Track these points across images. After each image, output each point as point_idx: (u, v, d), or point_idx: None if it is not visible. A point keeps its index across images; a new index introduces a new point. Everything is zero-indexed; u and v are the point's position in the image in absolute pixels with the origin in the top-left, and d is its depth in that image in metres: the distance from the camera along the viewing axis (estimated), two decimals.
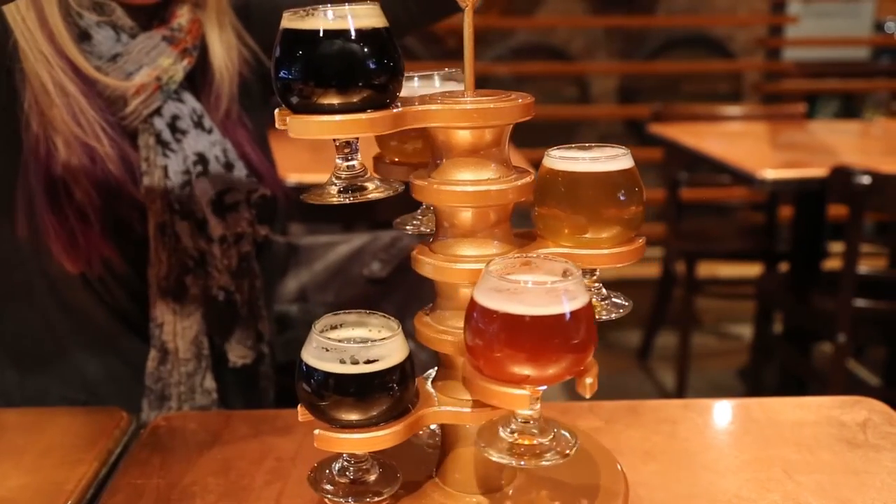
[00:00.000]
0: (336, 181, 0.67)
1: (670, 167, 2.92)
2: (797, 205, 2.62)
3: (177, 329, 1.01)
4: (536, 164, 0.74)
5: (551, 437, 0.65)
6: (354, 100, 0.61)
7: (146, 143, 0.99)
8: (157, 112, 0.99)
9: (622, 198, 0.69)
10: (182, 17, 1.02)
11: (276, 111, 0.64)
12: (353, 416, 0.65)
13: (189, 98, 1.03)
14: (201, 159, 1.01)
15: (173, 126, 1.00)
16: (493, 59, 4.26)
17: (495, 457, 0.64)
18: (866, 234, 2.95)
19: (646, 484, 0.77)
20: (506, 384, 0.61)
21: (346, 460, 0.71)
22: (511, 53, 4.29)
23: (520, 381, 0.61)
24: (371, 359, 0.64)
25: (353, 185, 0.67)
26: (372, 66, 0.62)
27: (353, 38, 0.61)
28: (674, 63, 4.39)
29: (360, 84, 0.61)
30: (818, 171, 2.11)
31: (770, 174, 2.13)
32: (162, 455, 0.84)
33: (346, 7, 0.62)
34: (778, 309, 2.67)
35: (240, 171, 1.04)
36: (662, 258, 3.16)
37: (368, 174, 0.68)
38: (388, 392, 0.65)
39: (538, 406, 0.64)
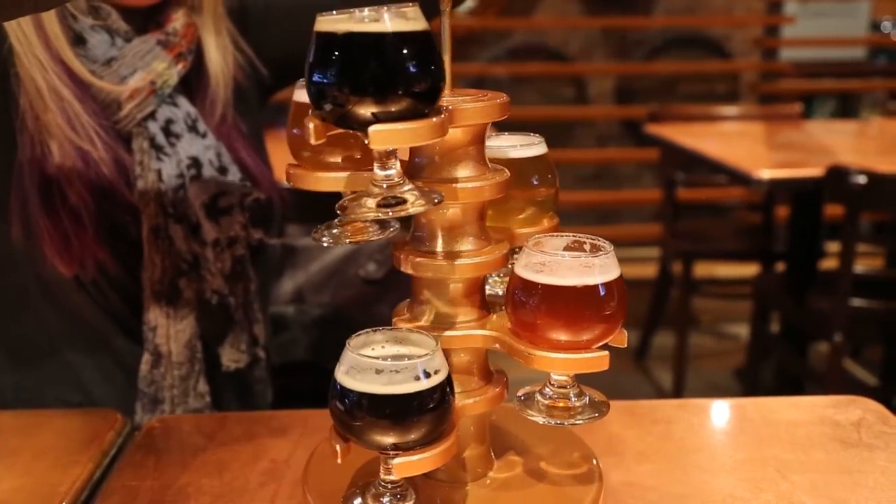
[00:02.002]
0: (374, 193, 0.62)
1: (667, 167, 2.92)
2: (794, 205, 2.63)
3: (170, 332, 1.01)
4: None
5: (585, 401, 0.70)
6: (392, 109, 0.58)
7: (140, 146, 0.99)
8: (152, 116, 0.99)
9: (535, 182, 0.76)
10: (177, 21, 1.02)
11: (309, 121, 0.60)
12: (390, 440, 0.61)
13: (183, 102, 1.03)
14: (195, 163, 1.01)
15: (167, 130, 1.00)
16: (490, 59, 4.27)
17: (535, 418, 0.69)
18: (863, 234, 2.96)
19: (640, 484, 0.77)
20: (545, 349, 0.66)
21: (383, 485, 0.67)
22: (508, 54, 4.30)
23: (557, 347, 0.66)
24: (411, 377, 0.60)
25: (392, 198, 0.62)
26: (412, 71, 0.58)
27: (392, 41, 0.57)
28: (671, 63, 4.40)
29: (400, 92, 0.57)
30: (815, 171, 2.11)
31: (767, 174, 2.14)
32: (156, 457, 0.84)
33: (384, 8, 0.57)
34: (775, 309, 2.67)
35: (234, 174, 1.04)
36: (659, 258, 3.17)
37: (408, 185, 0.63)
38: (428, 413, 0.61)
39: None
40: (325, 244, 0.70)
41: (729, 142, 2.70)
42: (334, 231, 0.71)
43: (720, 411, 0.94)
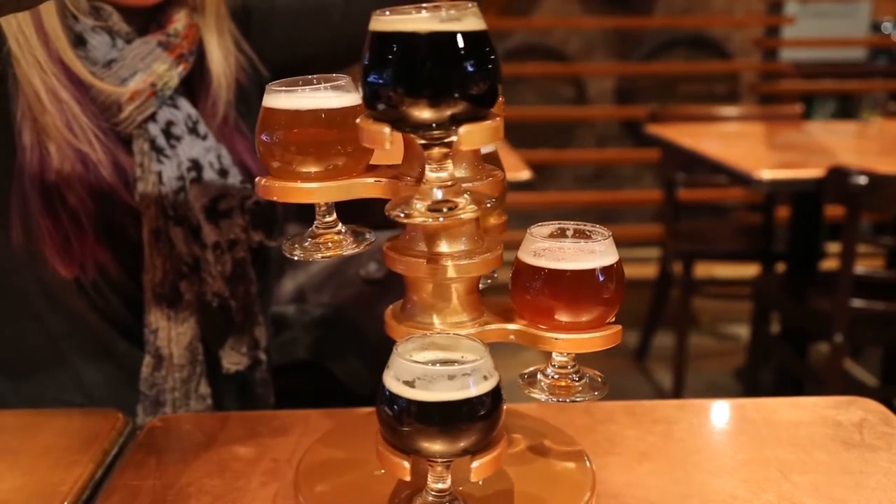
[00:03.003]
0: (424, 196, 0.61)
1: (667, 168, 2.92)
2: (794, 205, 2.63)
3: (171, 335, 1.01)
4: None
5: (584, 380, 0.73)
6: (447, 113, 0.57)
7: (140, 148, 0.98)
8: (152, 118, 0.99)
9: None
10: (179, 22, 1.01)
11: (379, 126, 0.59)
12: (438, 447, 0.60)
13: (184, 104, 1.03)
14: (195, 165, 1.01)
15: (168, 132, 1.00)
16: None
17: (537, 395, 0.71)
18: (863, 235, 2.96)
19: (641, 484, 0.77)
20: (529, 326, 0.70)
21: (435, 495, 0.65)
22: (508, 54, 4.29)
23: (558, 328, 0.69)
24: (461, 384, 0.59)
25: (443, 202, 0.61)
26: (470, 72, 0.56)
27: (451, 41, 0.56)
28: (671, 64, 4.40)
29: (457, 94, 0.56)
30: (815, 172, 2.11)
31: (767, 175, 2.14)
32: (158, 456, 0.84)
33: (442, 8, 0.56)
34: (775, 309, 2.67)
35: (234, 177, 1.04)
36: (659, 258, 3.17)
37: (459, 187, 0.62)
38: (478, 421, 0.60)
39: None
40: (296, 258, 0.70)
41: (729, 142, 2.70)
42: (305, 244, 0.71)
43: (721, 412, 0.94)
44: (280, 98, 0.68)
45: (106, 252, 0.98)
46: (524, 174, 2.07)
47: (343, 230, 0.73)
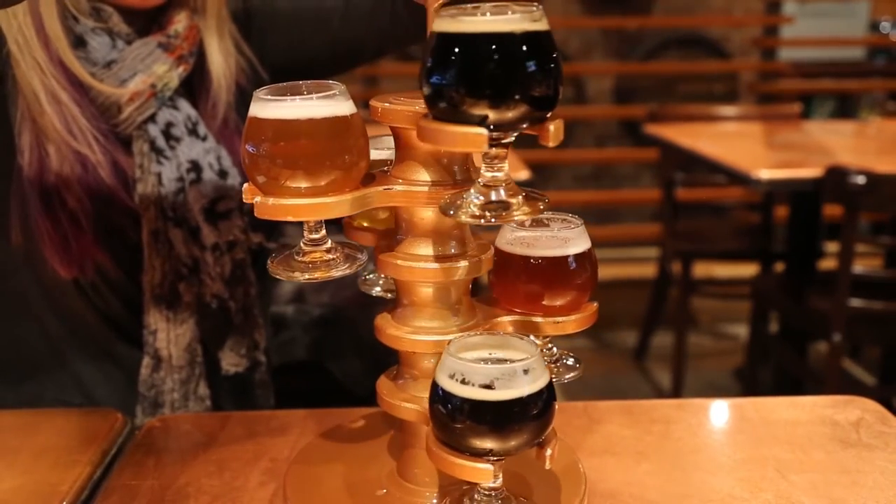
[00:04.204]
0: (479, 195, 0.60)
1: (666, 167, 2.93)
2: (793, 205, 2.63)
3: (170, 336, 1.01)
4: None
5: (561, 362, 0.76)
6: (509, 115, 0.56)
7: (140, 149, 0.98)
8: (152, 119, 0.99)
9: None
10: (179, 23, 1.01)
11: (476, 129, 0.57)
12: (489, 445, 0.60)
13: (184, 105, 1.03)
14: (195, 167, 1.01)
15: (167, 133, 1.00)
16: None
17: None
18: (861, 234, 2.96)
19: (639, 483, 0.78)
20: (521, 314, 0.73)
21: (486, 493, 0.66)
22: None
23: (535, 310, 0.72)
24: (513, 383, 0.59)
25: (497, 202, 0.60)
26: (531, 74, 0.56)
27: (514, 42, 0.55)
28: (670, 63, 4.40)
29: (518, 96, 0.56)
30: (813, 172, 2.11)
31: (766, 174, 2.14)
32: (156, 456, 0.84)
33: (508, 10, 0.56)
34: (774, 309, 2.68)
35: (234, 178, 1.04)
36: (658, 258, 3.17)
37: (513, 187, 0.61)
38: (531, 420, 0.60)
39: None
40: (281, 278, 0.67)
41: (728, 142, 2.71)
42: (291, 263, 0.67)
43: (719, 411, 0.94)
44: (270, 108, 0.63)
45: (105, 253, 0.98)
46: (523, 174, 2.08)
47: (332, 247, 0.68)
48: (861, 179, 1.96)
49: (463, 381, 0.59)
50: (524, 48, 0.55)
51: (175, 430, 0.90)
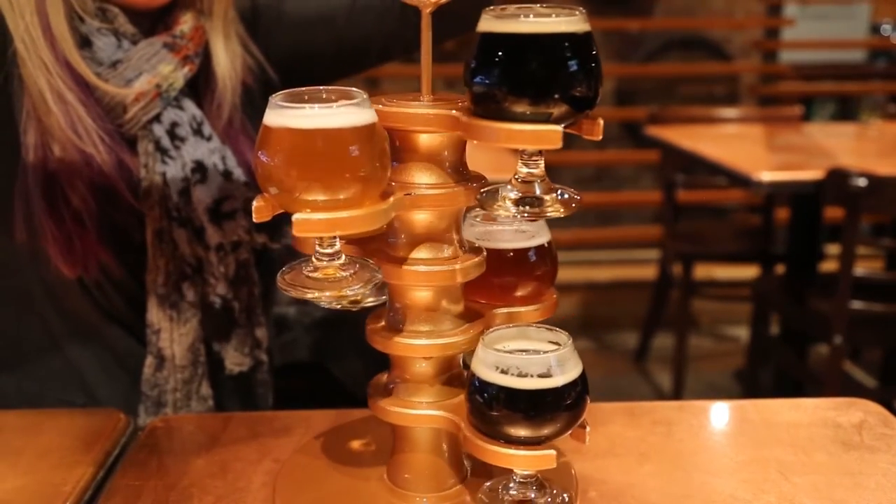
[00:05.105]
0: (513, 190, 0.62)
1: (667, 169, 2.93)
2: (793, 207, 2.63)
3: (174, 336, 1.01)
4: None
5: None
6: (553, 111, 0.58)
7: (145, 149, 0.99)
8: (157, 119, 0.99)
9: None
10: (185, 23, 1.02)
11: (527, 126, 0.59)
12: (523, 433, 0.63)
13: (189, 105, 1.03)
14: (200, 167, 1.01)
15: (172, 133, 1.00)
16: None
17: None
18: (862, 236, 2.96)
19: (641, 485, 0.78)
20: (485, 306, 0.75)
21: (522, 481, 0.69)
22: None
23: (498, 301, 0.75)
24: (547, 372, 0.62)
25: (531, 198, 0.62)
26: (573, 74, 0.58)
27: (556, 43, 0.58)
28: (670, 65, 4.40)
29: (557, 95, 0.58)
30: (814, 174, 2.12)
31: (766, 176, 2.14)
32: (159, 457, 0.84)
33: (552, 13, 0.58)
34: (774, 311, 2.68)
35: (238, 178, 1.04)
36: (659, 260, 3.17)
37: (548, 184, 0.63)
38: (564, 410, 0.63)
39: None
40: (291, 295, 0.63)
41: (729, 144, 2.71)
42: (301, 278, 0.63)
43: (720, 413, 0.94)
44: (287, 116, 0.59)
45: (109, 252, 0.98)
46: None
47: (347, 262, 0.64)
48: (862, 181, 1.96)
49: (498, 370, 0.62)
50: (562, 49, 0.58)
51: (178, 430, 0.90)
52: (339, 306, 0.77)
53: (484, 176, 0.72)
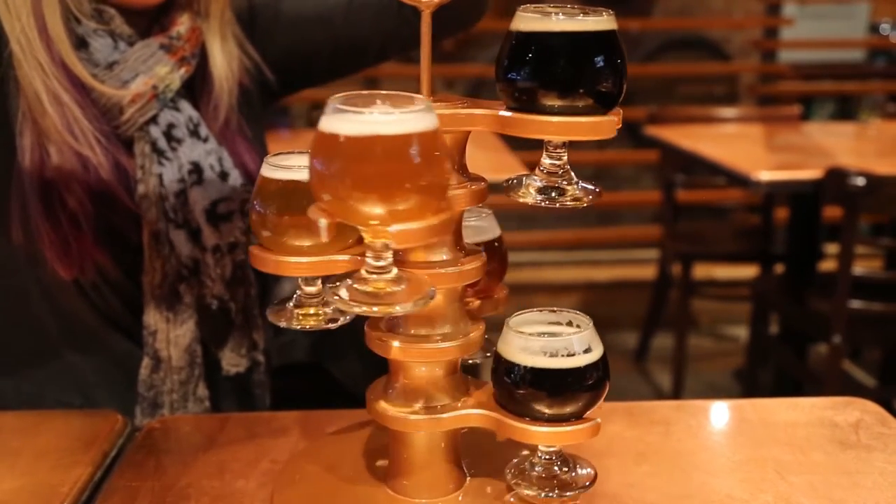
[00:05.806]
0: (538, 179, 0.66)
1: (666, 169, 2.93)
2: (793, 206, 2.63)
3: (170, 337, 1.01)
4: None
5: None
6: (578, 104, 0.62)
7: (142, 151, 0.99)
8: (153, 120, 0.99)
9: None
10: (182, 25, 1.02)
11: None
12: (547, 410, 0.67)
13: (186, 106, 1.03)
14: (196, 168, 1.01)
15: (169, 134, 1.00)
16: (490, 60, 4.25)
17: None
18: (861, 236, 2.96)
19: (639, 485, 0.78)
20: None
21: (548, 457, 0.73)
22: None
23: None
24: (570, 352, 0.66)
25: (552, 188, 0.66)
26: (598, 70, 0.63)
27: (583, 41, 0.63)
28: (669, 65, 4.40)
29: (582, 90, 0.62)
30: (813, 173, 2.12)
31: (765, 176, 2.14)
32: (157, 458, 0.84)
33: (579, 13, 0.63)
34: (774, 310, 2.68)
35: (235, 179, 1.04)
36: (658, 260, 3.17)
37: (570, 175, 0.67)
38: (586, 389, 0.67)
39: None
40: (346, 310, 0.68)
41: (728, 144, 2.71)
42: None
43: (719, 412, 0.94)
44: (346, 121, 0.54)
45: (105, 254, 0.98)
46: None
47: (398, 276, 0.62)
48: (861, 181, 1.96)
49: (524, 351, 0.66)
50: (588, 47, 0.63)
51: (175, 431, 0.90)
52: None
53: (484, 178, 0.72)
